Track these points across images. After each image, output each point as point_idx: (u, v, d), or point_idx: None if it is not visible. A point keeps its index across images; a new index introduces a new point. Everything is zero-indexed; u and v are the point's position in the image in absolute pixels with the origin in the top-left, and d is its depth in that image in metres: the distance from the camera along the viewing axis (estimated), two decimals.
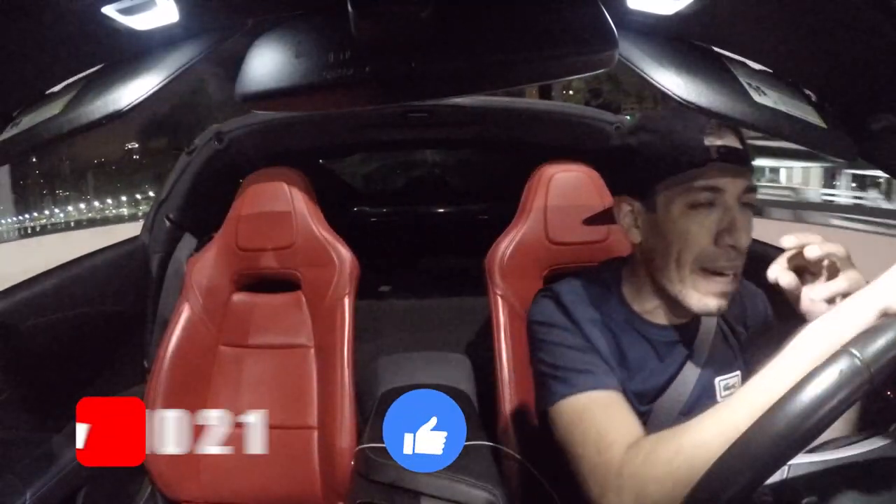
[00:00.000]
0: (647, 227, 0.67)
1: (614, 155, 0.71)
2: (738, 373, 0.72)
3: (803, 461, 0.41)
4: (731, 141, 0.62)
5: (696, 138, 0.61)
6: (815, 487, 0.39)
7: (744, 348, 0.74)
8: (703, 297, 0.63)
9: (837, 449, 0.43)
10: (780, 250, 0.56)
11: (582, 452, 0.58)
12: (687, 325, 0.71)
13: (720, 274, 0.62)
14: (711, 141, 0.61)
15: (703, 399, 0.69)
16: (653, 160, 0.64)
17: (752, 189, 0.63)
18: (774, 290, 0.57)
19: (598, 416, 0.59)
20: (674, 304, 0.67)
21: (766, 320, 0.76)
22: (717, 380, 0.70)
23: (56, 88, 0.67)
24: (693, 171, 0.61)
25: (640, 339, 0.70)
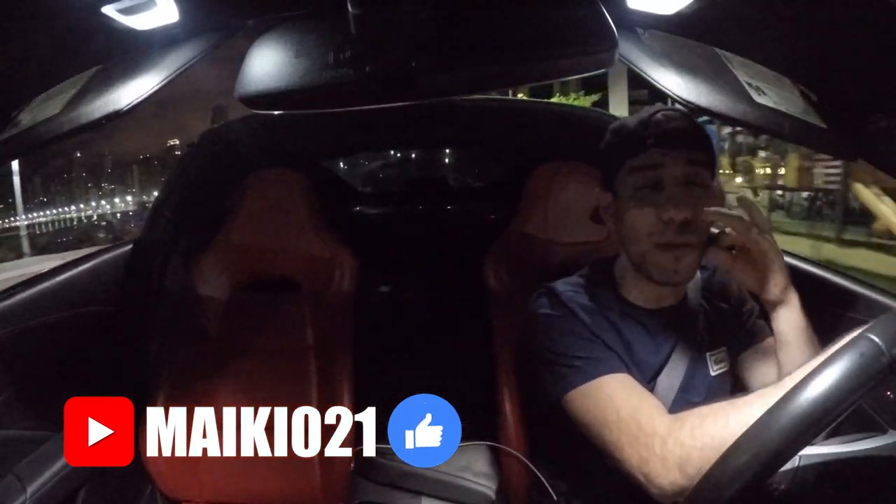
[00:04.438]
0: (616, 213, 0.74)
1: (598, 159, 0.79)
2: (724, 347, 0.78)
3: (813, 452, 0.41)
4: (673, 125, 0.69)
5: (638, 129, 0.70)
6: (825, 478, 0.39)
7: (728, 322, 0.79)
8: (662, 269, 0.69)
9: (845, 444, 0.43)
10: None
11: (619, 428, 0.61)
12: (675, 307, 0.77)
13: (672, 246, 0.68)
14: (652, 129, 0.69)
15: (697, 373, 0.74)
16: (610, 156, 0.73)
17: (697, 165, 0.68)
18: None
19: (626, 396, 0.63)
20: (656, 284, 0.73)
21: (744, 300, 0.81)
22: (707, 354, 0.76)
23: (56, 88, 0.67)
24: (637, 157, 0.69)
25: (635, 323, 0.75)
